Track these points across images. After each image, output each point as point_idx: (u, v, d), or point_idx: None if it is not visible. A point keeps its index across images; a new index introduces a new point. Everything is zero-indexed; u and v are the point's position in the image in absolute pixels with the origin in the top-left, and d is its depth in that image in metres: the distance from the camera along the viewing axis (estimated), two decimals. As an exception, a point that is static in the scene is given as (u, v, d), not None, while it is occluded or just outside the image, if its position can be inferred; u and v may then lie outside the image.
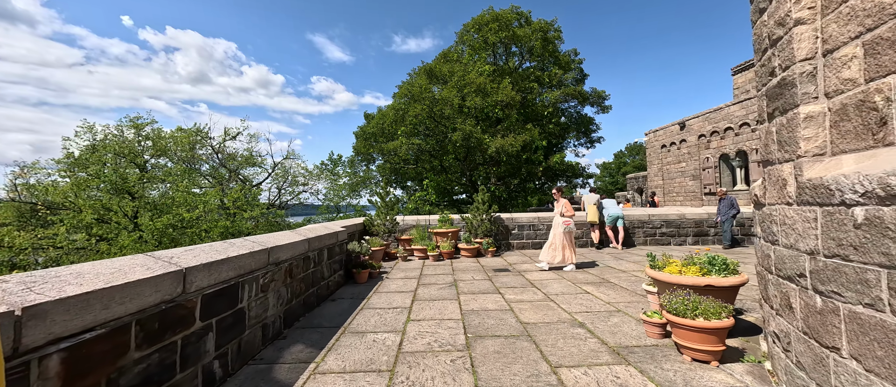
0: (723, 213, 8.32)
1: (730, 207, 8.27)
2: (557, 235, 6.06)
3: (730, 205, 8.28)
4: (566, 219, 6.05)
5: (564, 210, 6.12)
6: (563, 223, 6.00)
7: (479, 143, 13.54)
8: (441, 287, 5.12)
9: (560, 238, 6.04)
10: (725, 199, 8.38)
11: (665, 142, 20.26)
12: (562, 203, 6.21)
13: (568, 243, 6.07)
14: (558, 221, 6.09)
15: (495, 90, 14.08)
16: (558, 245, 6.06)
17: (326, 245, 4.66)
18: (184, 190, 11.87)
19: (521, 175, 16.05)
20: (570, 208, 6.15)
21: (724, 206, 8.36)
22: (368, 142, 17.91)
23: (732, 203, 8.28)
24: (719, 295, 3.02)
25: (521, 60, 17.94)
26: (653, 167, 21.57)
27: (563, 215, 6.09)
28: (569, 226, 6.03)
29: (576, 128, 19.37)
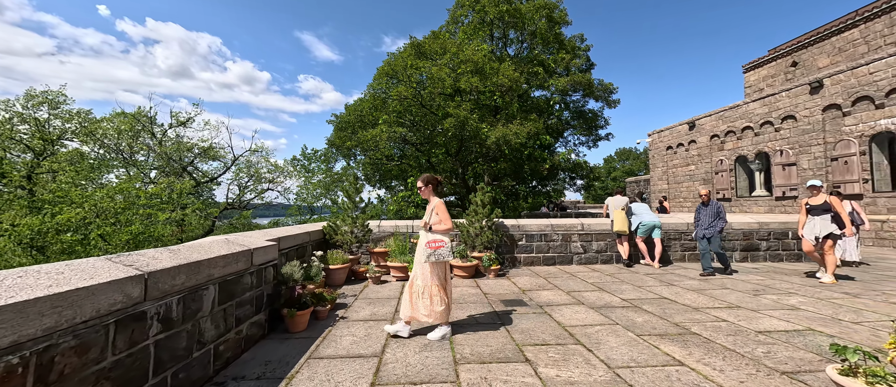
0: (705, 224, 6.20)
1: (715, 216, 6.16)
2: (426, 272, 3.22)
3: (716, 214, 6.16)
4: (436, 239, 3.20)
5: (435, 221, 3.27)
6: (428, 247, 3.18)
7: (475, 132, 11.52)
8: (425, 346, 3.07)
9: (430, 277, 3.22)
10: (710, 204, 6.27)
11: (671, 143, 18.82)
12: (432, 206, 3.34)
13: (439, 286, 3.24)
14: (423, 241, 3.26)
15: (495, 71, 12.08)
16: (428, 289, 3.21)
17: (216, 279, 2.55)
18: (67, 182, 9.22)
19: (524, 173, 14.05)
20: (446, 216, 3.27)
21: (706, 215, 6.22)
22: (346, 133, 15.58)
23: (719, 211, 6.19)
24: None
25: (521, 47, 16.06)
26: (657, 170, 20.11)
27: (434, 230, 3.24)
28: (439, 250, 3.16)
29: (579, 123, 17.62)
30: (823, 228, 5.29)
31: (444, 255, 3.18)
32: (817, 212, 5.41)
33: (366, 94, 15.39)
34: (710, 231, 6.12)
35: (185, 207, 10.44)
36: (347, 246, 6.18)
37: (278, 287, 3.54)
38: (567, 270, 6.54)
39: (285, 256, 4.43)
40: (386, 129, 12.35)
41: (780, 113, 13.09)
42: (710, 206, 6.28)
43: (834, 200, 5.36)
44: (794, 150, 12.56)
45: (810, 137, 12.01)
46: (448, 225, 3.26)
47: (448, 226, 3.26)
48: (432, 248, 3.17)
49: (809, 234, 5.45)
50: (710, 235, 6.11)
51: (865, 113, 10.48)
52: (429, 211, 3.35)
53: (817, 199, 5.47)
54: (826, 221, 5.30)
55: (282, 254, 4.30)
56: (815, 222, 5.39)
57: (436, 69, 11.56)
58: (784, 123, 12.99)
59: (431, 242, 3.19)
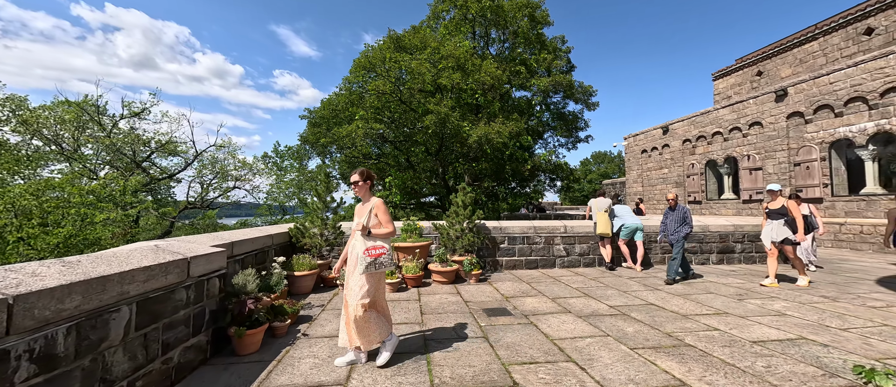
0: (671, 229, 5.88)
1: (682, 221, 5.81)
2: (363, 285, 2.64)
3: (682, 219, 5.82)
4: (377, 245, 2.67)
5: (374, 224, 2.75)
6: (367, 255, 2.61)
7: (456, 130, 11.14)
8: (397, 371, 2.66)
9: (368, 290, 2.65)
10: (676, 209, 5.92)
11: (646, 147, 19.30)
12: (371, 207, 2.78)
13: (378, 298, 2.76)
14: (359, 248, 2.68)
15: (477, 68, 11.76)
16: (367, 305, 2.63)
17: (134, 297, 2.04)
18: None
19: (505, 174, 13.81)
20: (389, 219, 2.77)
21: (673, 220, 5.90)
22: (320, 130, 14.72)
23: (685, 216, 5.84)
24: None
25: (503, 47, 15.84)
26: (632, 173, 20.59)
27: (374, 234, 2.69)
28: (381, 258, 2.65)
29: (560, 125, 17.67)
30: (779, 232, 5.23)
31: (386, 263, 2.69)
32: (775, 216, 5.34)
33: (341, 89, 14.60)
34: (675, 237, 5.82)
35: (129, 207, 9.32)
36: (317, 250, 5.65)
37: (227, 301, 3.02)
38: (550, 275, 6.31)
39: (240, 264, 3.88)
40: (362, 125, 11.70)
41: (747, 119, 13.62)
42: (677, 210, 5.96)
43: (791, 205, 5.30)
44: (760, 155, 13.09)
45: (775, 143, 12.55)
46: (391, 228, 2.76)
47: (391, 229, 2.76)
48: (373, 255, 2.63)
49: (766, 238, 5.40)
50: (674, 241, 5.82)
51: (826, 121, 11.03)
52: (366, 212, 2.78)
53: (776, 203, 5.39)
54: (780, 225, 5.25)
55: (235, 261, 3.75)
56: (773, 226, 5.35)
57: (415, 63, 11.07)
58: (751, 129, 13.52)
59: (372, 249, 2.64)
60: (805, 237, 5.79)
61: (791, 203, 5.29)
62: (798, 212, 5.23)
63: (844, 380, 2.44)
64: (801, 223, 5.18)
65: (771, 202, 5.44)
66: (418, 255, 5.68)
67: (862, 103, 10.18)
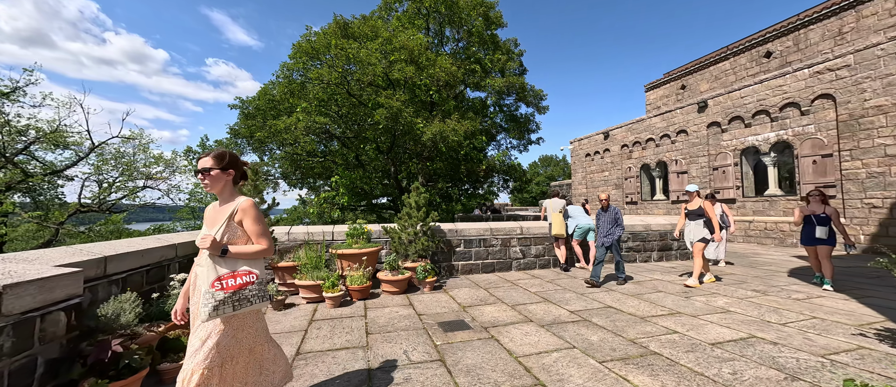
0: (603, 231, 5.66)
1: (613, 222, 5.63)
2: (224, 335, 1.65)
3: (614, 220, 5.64)
4: (238, 271, 1.67)
5: (238, 238, 1.75)
6: (218, 289, 1.61)
7: (409, 127, 10.51)
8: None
9: (232, 343, 1.68)
10: (609, 210, 5.72)
11: (589, 151, 20.50)
12: (232, 211, 1.75)
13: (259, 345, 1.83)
14: (207, 278, 1.64)
15: (431, 63, 11.26)
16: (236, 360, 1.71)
17: None
18: None
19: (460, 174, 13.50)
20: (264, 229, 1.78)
21: (605, 221, 5.69)
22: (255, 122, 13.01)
23: (617, 218, 5.66)
24: None
25: (458, 46, 15.57)
26: (577, 175, 21.74)
27: (235, 254, 1.69)
28: (245, 290, 1.66)
29: (512, 126, 17.96)
30: (697, 232, 5.36)
31: (255, 297, 1.68)
32: (693, 216, 5.43)
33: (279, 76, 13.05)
34: (608, 239, 5.61)
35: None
36: (240, 261, 4.71)
37: (85, 342, 2.16)
38: (507, 278, 6.07)
39: (120, 286, 2.95)
40: (304, 118, 10.48)
41: (675, 127, 15.01)
42: (609, 211, 5.74)
43: (707, 205, 5.36)
44: (685, 159, 14.49)
45: (698, 149, 13.97)
46: (265, 245, 1.73)
47: (264, 246, 1.73)
48: (230, 288, 1.60)
49: (686, 239, 5.53)
50: (609, 244, 5.61)
51: (738, 130, 12.50)
52: (223, 219, 1.72)
53: (693, 203, 5.46)
54: (699, 226, 5.36)
55: (111, 282, 2.82)
56: (691, 227, 5.44)
57: (365, 53, 10.23)
58: (678, 136, 14.92)
59: (228, 279, 1.62)
60: (721, 236, 5.98)
61: (706, 204, 5.39)
62: (713, 212, 5.36)
63: (806, 383, 2.41)
64: (716, 223, 5.31)
65: (689, 203, 5.53)
66: (366, 262, 5.04)
67: (765, 116, 11.67)
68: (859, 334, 3.28)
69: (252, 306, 1.69)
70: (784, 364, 2.69)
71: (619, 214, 5.72)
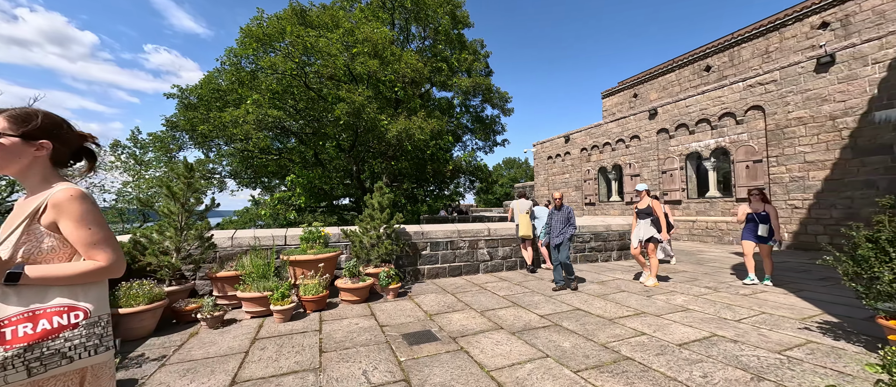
0: (556, 230, 5.38)
1: (566, 222, 5.37)
2: None
3: (567, 219, 5.38)
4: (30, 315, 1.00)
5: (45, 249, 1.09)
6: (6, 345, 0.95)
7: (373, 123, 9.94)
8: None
9: None
10: (562, 209, 5.45)
11: (551, 153, 21.17)
12: (40, 206, 1.08)
13: None
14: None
15: (397, 58, 10.78)
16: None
17: None
18: None
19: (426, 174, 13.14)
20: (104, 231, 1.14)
21: (558, 220, 5.40)
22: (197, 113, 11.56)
23: (569, 217, 5.39)
24: None
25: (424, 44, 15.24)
26: (540, 177, 22.36)
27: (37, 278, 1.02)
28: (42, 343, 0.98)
29: (478, 128, 17.99)
30: (646, 231, 5.32)
31: (78, 348, 1.05)
32: (642, 216, 5.40)
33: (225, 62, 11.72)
34: (559, 238, 5.32)
35: None
36: (169, 272, 4.04)
37: None
38: (475, 282, 5.88)
39: None
40: (254, 110, 9.45)
41: (629, 133, 15.93)
42: (562, 211, 5.47)
43: (654, 204, 5.35)
44: (638, 163, 15.41)
45: (649, 154, 14.91)
46: (105, 259, 1.12)
47: (105, 260, 1.12)
48: (19, 340, 0.97)
49: (635, 237, 5.46)
50: (558, 243, 5.30)
51: (683, 137, 13.51)
52: (21, 217, 1.08)
53: (643, 202, 5.44)
54: (647, 224, 5.34)
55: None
56: (640, 226, 5.40)
57: (324, 43, 9.51)
58: (632, 141, 15.84)
59: (19, 325, 0.99)
60: (668, 235, 5.90)
61: (654, 203, 5.40)
62: (660, 211, 5.38)
63: (771, 383, 2.43)
64: (664, 222, 5.33)
65: (639, 202, 5.56)
66: (322, 269, 4.57)
67: (707, 124, 12.69)
68: (805, 328, 3.47)
69: (75, 363, 1.03)
70: (748, 363, 2.73)
71: (572, 214, 5.47)
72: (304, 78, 10.44)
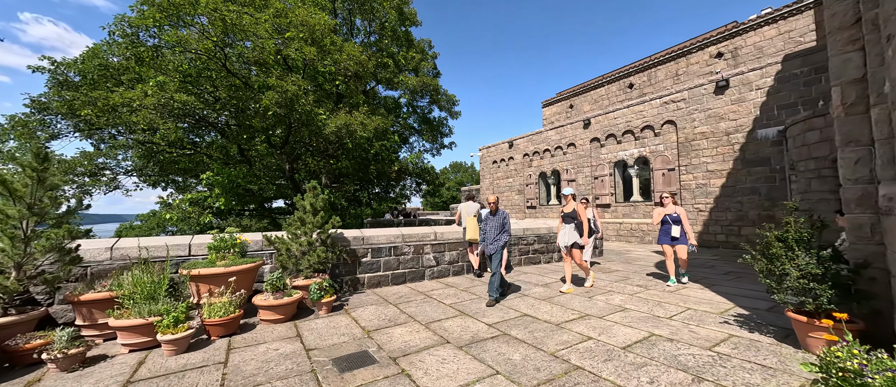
0: (490, 237, 4.89)
1: (501, 228, 4.89)
2: None
3: (501, 225, 4.90)
4: None
5: None
6: None
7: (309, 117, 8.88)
8: None
9: None
10: (497, 214, 4.96)
11: (496, 158, 21.77)
12: None
13: None
14: None
15: (338, 48, 9.85)
16: None
17: None
18: None
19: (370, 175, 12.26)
20: None
21: (492, 226, 4.93)
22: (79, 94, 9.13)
23: (504, 223, 4.88)
24: None
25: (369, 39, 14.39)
26: (485, 181, 22.84)
27: None
28: None
29: (426, 129, 17.62)
30: (570, 236, 5.20)
31: None
32: (567, 219, 5.29)
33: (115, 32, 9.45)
34: (494, 246, 4.78)
35: None
36: (3, 297, 2.97)
37: None
38: (420, 289, 5.51)
39: None
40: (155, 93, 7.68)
41: (566, 141, 17.01)
42: (498, 215, 4.96)
43: (579, 208, 5.25)
44: (574, 169, 16.51)
45: (583, 160, 16.07)
46: None
47: None
48: None
49: (560, 242, 5.35)
50: (492, 252, 4.76)
51: (612, 146, 14.79)
52: None
53: (568, 207, 5.33)
54: (571, 229, 5.22)
55: None
56: (565, 231, 5.28)
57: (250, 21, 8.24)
58: (568, 148, 16.94)
59: None
60: (588, 240, 5.80)
61: (579, 206, 5.29)
62: (584, 215, 5.28)
63: (710, 383, 2.46)
64: (586, 226, 5.25)
65: (565, 206, 5.41)
66: (236, 284, 3.80)
67: (631, 135, 14.03)
68: (724, 322, 3.74)
69: None
70: (686, 363, 2.77)
71: (507, 220, 4.99)
72: (224, 60, 9.00)
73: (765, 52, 14.21)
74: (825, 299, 2.70)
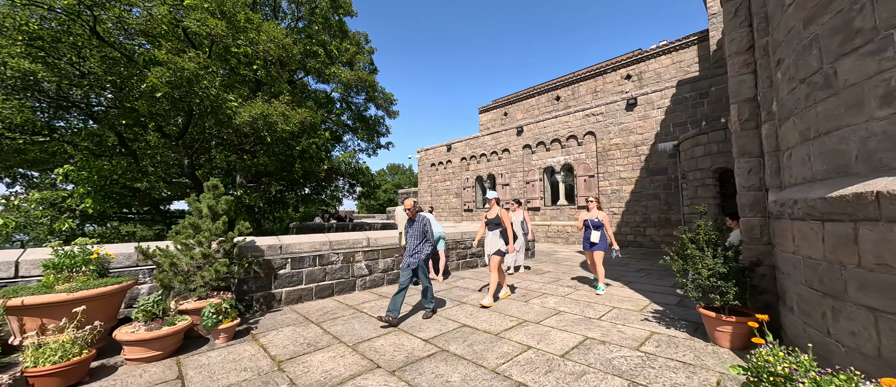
0: (410, 248, 4.24)
1: (422, 237, 4.26)
2: None
3: (422, 234, 4.27)
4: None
5: None
6: None
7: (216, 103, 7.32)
8: None
9: None
10: (418, 219, 4.34)
11: (434, 161, 21.70)
12: None
13: None
14: None
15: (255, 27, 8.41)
16: None
17: None
18: None
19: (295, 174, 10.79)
20: None
21: (412, 235, 4.30)
22: None
23: (425, 231, 4.30)
24: None
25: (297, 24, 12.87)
26: (423, 183, 22.60)
27: None
28: None
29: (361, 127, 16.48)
30: (493, 243, 4.77)
31: None
32: (492, 226, 4.84)
33: None
34: (414, 260, 4.15)
35: None
36: None
37: None
38: (349, 303, 4.93)
39: None
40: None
41: (501, 146, 17.67)
42: (418, 222, 4.32)
43: (503, 214, 4.76)
44: (508, 173, 17.21)
45: (517, 166, 16.85)
46: None
47: None
48: None
49: (486, 250, 4.93)
50: (415, 265, 4.13)
51: (542, 153, 15.77)
52: None
53: (492, 212, 4.87)
54: (496, 236, 4.76)
55: None
56: (489, 237, 4.85)
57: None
58: (504, 153, 17.62)
59: None
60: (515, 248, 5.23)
61: (503, 212, 4.78)
62: (509, 221, 4.81)
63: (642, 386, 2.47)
64: (510, 233, 4.72)
65: (488, 211, 4.94)
66: (88, 314, 2.82)
67: (558, 143, 15.11)
68: (645, 320, 3.98)
69: None
70: (620, 367, 2.79)
71: (427, 227, 4.32)
72: (93, 23, 7.01)
73: (662, 78, 16.59)
74: (732, 296, 2.96)
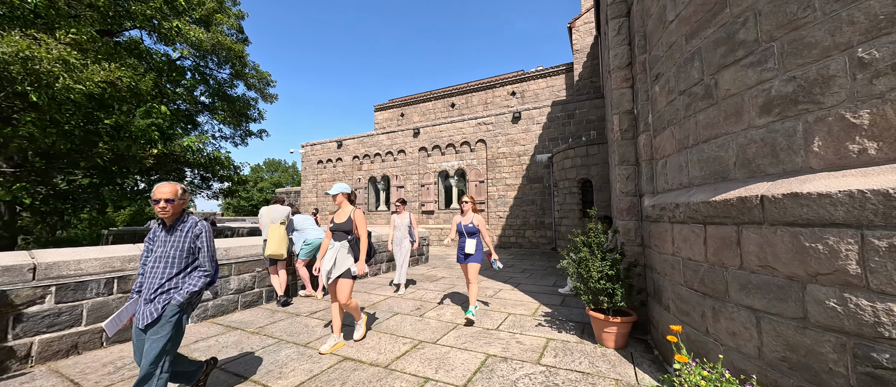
0: (160, 271, 2.19)
1: (187, 255, 2.26)
2: None
3: (188, 250, 2.27)
4: None
5: None
6: None
7: None
8: None
9: None
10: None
11: (322, 158, 19.50)
12: None
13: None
14: None
15: None
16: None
17: None
18: None
19: (100, 156, 7.16)
20: None
21: (165, 254, 2.23)
22: None
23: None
24: None
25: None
26: (308, 182, 20.04)
27: None
28: None
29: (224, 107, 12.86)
30: (341, 261, 3.23)
31: None
32: (338, 235, 3.32)
33: None
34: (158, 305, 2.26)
35: None
36: None
37: None
38: (173, 346, 3.40)
39: None
40: None
41: (397, 147, 17.06)
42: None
43: (357, 217, 3.37)
44: (404, 175, 16.71)
45: (412, 168, 16.51)
46: None
47: None
48: None
49: (324, 268, 3.27)
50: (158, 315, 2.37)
51: (438, 156, 15.86)
52: None
53: (341, 213, 3.39)
54: (345, 253, 3.25)
55: None
56: (331, 252, 3.31)
57: None
58: (399, 155, 17.04)
59: None
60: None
61: (357, 213, 3.39)
62: (364, 226, 3.38)
63: (554, 415, 2.18)
64: (364, 244, 3.33)
65: (336, 213, 3.43)
66: None
67: (453, 148, 15.44)
68: (539, 325, 3.93)
69: None
70: (526, 391, 2.47)
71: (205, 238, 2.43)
72: None
73: (540, 97, 18.96)
74: (619, 297, 3.04)
